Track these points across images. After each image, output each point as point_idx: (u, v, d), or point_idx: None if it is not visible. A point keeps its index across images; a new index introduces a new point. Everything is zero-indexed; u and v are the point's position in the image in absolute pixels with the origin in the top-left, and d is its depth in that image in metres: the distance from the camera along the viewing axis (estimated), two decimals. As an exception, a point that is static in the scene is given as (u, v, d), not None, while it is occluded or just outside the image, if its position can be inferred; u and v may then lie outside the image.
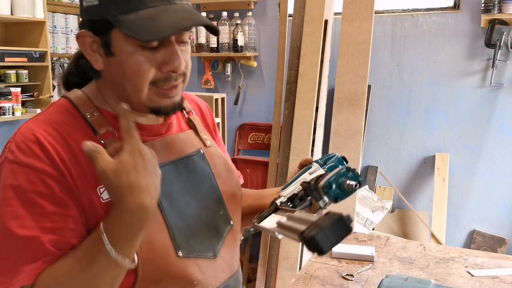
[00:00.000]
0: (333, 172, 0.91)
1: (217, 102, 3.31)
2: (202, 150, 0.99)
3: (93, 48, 0.84)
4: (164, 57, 0.82)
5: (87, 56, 0.85)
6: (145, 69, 0.81)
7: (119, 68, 0.83)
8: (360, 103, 2.62)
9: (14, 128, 3.07)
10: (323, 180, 0.90)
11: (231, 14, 3.43)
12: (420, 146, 3.16)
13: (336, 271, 1.43)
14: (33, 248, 0.75)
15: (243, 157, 3.54)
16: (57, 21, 3.15)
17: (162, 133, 0.94)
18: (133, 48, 0.81)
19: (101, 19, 0.81)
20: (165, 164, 0.90)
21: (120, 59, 0.82)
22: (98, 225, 0.76)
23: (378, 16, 3.09)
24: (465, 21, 2.94)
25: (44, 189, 0.77)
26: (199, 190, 0.94)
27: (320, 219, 0.71)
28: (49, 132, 0.80)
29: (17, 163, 0.77)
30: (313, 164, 1.04)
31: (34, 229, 0.75)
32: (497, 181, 3.01)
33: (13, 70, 2.92)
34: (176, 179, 0.91)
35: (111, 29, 0.81)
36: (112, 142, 0.83)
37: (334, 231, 0.69)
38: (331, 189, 0.89)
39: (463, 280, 1.36)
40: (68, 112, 0.86)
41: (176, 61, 0.82)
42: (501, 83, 2.89)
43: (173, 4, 0.81)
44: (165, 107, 0.86)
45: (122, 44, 0.81)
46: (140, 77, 0.82)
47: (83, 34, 0.84)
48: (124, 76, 0.83)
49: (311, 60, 2.77)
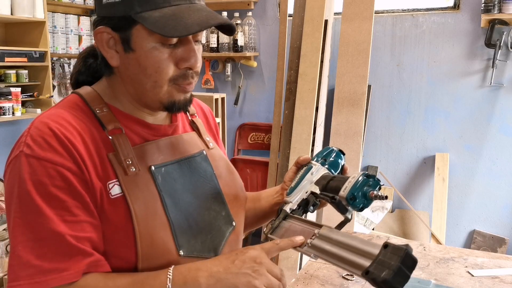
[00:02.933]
0: (353, 182, 0.88)
1: (217, 102, 3.31)
2: (205, 152, 1.00)
3: (109, 44, 0.86)
4: (182, 54, 0.85)
5: (103, 52, 0.86)
6: (165, 65, 0.83)
7: (138, 64, 0.84)
8: (360, 103, 2.62)
9: (14, 128, 3.07)
10: (345, 191, 0.87)
11: (231, 14, 3.43)
12: (420, 146, 3.16)
13: (336, 271, 1.43)
14: (61, 245, 0.75)
15: (243, 157, 3.54)
16: (57, 21, 3.15)
17: (168, 134, 0.95)
18: (154, 45, 0.82)
19: (123, 16, 0.82)
20: (169, 163, 0.90)
21: (140, 55, 0.83)
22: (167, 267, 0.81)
23: (378, 16, 3.09)
24: (465, 21, 2.94)
25: (63, 183, 0.77)
26: (201, 191, 0.95)
27: (382, 254, 0.68)
28: (63, 125, 0.81)
29: (34, 157, 0.77)
30: (312, 163, 1.03)
31: (58, 224, 0.76)
32: (497, 181, 3.01)
33: (13, 70, 2.92)
34: (180, 178, 0.91)
35: (133, 25, 0.82)
36: (118, 139, 0.84)
37: (404, 267, 0.66)
38: (356, 201, 0.87)
39: (463, 280, 1.36)
40: (79, 107, 0.87)
41: (193, 58, 0.85)
42: (501, 83, 2.89)
43: (194, 4, 0.84)
44: (179, 102, 0.88)
45: (143, 41, 0.82)
46: (160, 73, 0.84)
47: (101, 31, 0.85)
48: (143, 72, 0.84)
49: (311, 60, 2.77)
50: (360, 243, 0.74)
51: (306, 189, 1.00)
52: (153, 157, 0.88)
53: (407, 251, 0.67)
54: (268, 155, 3.25)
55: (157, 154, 0.89)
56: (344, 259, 0.74)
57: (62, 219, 0.76)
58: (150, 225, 0.82)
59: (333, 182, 0.96)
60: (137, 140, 0.89)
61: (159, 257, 0.83)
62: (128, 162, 0.83)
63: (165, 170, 0.88)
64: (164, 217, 0.85)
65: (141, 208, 0.82)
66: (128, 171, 0.83)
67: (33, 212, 0.76)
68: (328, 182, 0.97)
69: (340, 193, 0.88)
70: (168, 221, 0.85)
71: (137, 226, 0.80)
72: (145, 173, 0.85)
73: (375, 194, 0.85)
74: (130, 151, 0.85)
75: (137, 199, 0.82)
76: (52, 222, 0.75)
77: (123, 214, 0.81)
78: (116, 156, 0.83)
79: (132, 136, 0.88)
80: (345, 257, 0.73)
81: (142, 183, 0.84)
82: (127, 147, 0.85)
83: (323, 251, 0.79)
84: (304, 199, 0.99)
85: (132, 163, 0.84)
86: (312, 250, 0.80)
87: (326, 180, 0.98)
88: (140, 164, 0.85)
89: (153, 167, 0.87)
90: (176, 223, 0.86)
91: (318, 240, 0.82)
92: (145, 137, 0.90)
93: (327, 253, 0.78)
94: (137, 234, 0.80)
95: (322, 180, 1.00)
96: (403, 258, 0.66)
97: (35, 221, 0.76)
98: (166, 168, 0.89)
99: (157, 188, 0.86)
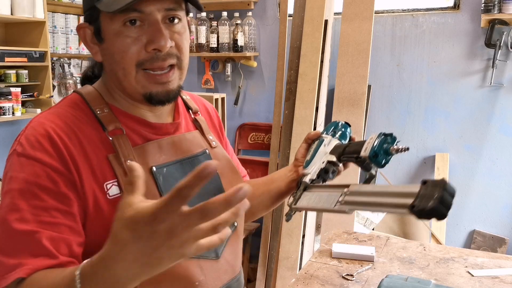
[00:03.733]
0: (372, 142, 0.92)
1: (217, 102, 3.31)
2: (208, 151, 0.99)
3: (93, 41, 0.86)
4: (149, 36, 0.82)
5: (88, 49, 0.87)
6: (128, 48, 0.81)
7: (109, 54, 0.84)
8: (360, 103, 2.62)
9: (14, 128, 3.07)
10: (366, 152, 0.91)
11: (231, 14, 3.43)
12: (420, 146, 3.16)
13: (336, 271, 1.43)
14: (30, 243, 0.75)
15: (243, 157, 3.54)
16: (57, 21, 3.15)
17: (170, 133, 0.94)
18: (118, 29, 0.81)
19: (90, 7, 0.83)
20: (171, 163, 0.90)
21: (108, 44, 0.83)
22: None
23: (378, 16, 3.09)
24: (465, 21, 2.94)
25: (48, 184, 0.77)
26: (204, 191, 0.94)
27: (423, 189, 0.72)
28: (59, 126, 0.81)
29: (24, 155, 0.78)
30: (323, 136, 1.05)
31: (31, 223, 0.75)
32: (497, 181, 3.01)
33: (13, 70, 2.91)
34: (182, 178, 0.91)
35: (99, 14, 0.83)
36: (119, 139, 0.84)
37: (447, 195, 0.70)
38: (378, 158, 0.90)
39: (463, 280, 1.36)
40: (79, 107, 0.86)
41: (161, 39, 0.81)
42: (501, 83, 2.89)
43: None
44: (157, 94, 0.85)
45: (108, 27, 0.82)
46: (125, 57, 0.82)
47: (82, 26, 0.86)
48: (113, 61, 0.84)
49: (311, 60, 2.77)
50: (397, 188, 0.77)
51: (322, 159, 1.02)
52: (155, 157, 0.88)
53: (446, 181, 0.72)
54: (268, 155, 3.24)
55: (158, 154, 0.88)
56: (384, 203, 0.77)
57: (37, 218, 0.75)
58: None
59: (350, 148, 0.99)
60: (138, 140, 0.88)
61: None
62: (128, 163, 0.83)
63: (167, 171, 0.88)
64: None
65: None
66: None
67: (12, 209, 0.75)
68: (344, 149, 0.99)
69: (362, 153, 0.92)
70: None
71: None
72: (146, 174, 0.84)
73: (396, 148, 0.89)
74: (130, 152, 0.84)
75: None
76: (27, 221, 0.75)
77: None
78: (116, 157, 0.83)
79: (133, 136, 0.87)
80: (385, 202, 0.77)
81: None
82: (127, 148, 0.84)
83: (359, 203, 0.82)
84: (322, 168, 1.01)
85: None
86: (346, 206, 0.83)
87: (341, 148, 1.01)
88: (141, 164, 0.84)
89: (154, 168, 0.86)
90: None
91: (350, 196, 0.85)
92: (147, 137, 0.89)
93: (364, 203, 0.81)
94: None
95: (337, 149, 1.02)
96: (444, 187, 0.70)
97: (12, 218, 0.75)
98: (168, 168, 0.88)
99: (158, 189, 0.85)
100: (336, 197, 0.86)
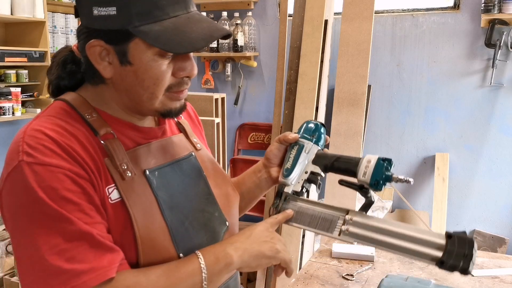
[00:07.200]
0: (372, 168, 0.91)
1: (217, 102, 3.30)
2: (194, 153, 0.99)
3: (102, 56, 0.82)
4: (180, 64, 0.83)
5: (96, 65, 0.82)
6: (163, 77, 0.82)
7: (135, 76, 0.81)
8: (360, 103, 2.62)
9: (14, 128, 3.07)
10: (366, 177, 0.91)
11: (231, 14, 3.43)
12: (420, 146, 3.16)
13: (336, 271, 1.43)
14: (90, 244, 0.74)
15: (243, 157, 3.54)
16: (57, 21, 3.15)
17: (158, 136, 0.94)
18: (153, 57, 0.80)
19: (119, 29, 0.78)
20: (162, 166, 0.90)
21: (138, 68, 0.81)
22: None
23: (378, 16, 3.09)
24: (465, 21, 2.94)
25: (74, 187, 0.75)
26: (194, 193, 0.95)
27: (450, 244, 0.76)
28: (59, 132, 0.78)
29: (38, 163, 0.74)
30: (302, 141, 1.03)
31: (80, 224, 0.74)
32: (497, 181, 3.01)
33: (13, 70, 2.92)
34: (173, 181, 0.91)
35: (131, 39, 0.79)
36: (112, 143, 0.83)
37: (471, 252, 0.75)
38: (378, 185, 0.90)
39: (463, 280, 1.36)
40: (67, 113, 0.83)
41: (193, 69, 0.85)
42: (501, 83, 2.89)
43: (190, 13, 0.82)
44: (175, 110, 0.87)
45: (142, 54, 0.79)
46: (158, 84, 0.82)
47: (94, 44, 0.80)
48: (140, 84, 0.82)
49: (311, 60, 2.77)
50: (412, 231, 0.81)
51: (305, 169, 1.01)
52: (147, 160, 0.88)
53: (473, 240, 0.76)
54: (268, 155, 3.24)
55: (150, 158, 0.88)
56: (409, 250, 0.81)
57: (82, 221, 0.74)
58: (150, 230, 0.82)
59: (339, 164, 0.97)
60: (129, 144, 0.87)
61: (160, 261, 0.83)
62: (124, 167, 0.82)
63: (159, 174, 0.88)
64: (162, 221, 0.84)
65: (140, 213, 0.81)
66: (125, 176, 0.82)
67: (51, 218, 0.73)
68: (333, 163, 0.98)
69: (361, 178, 0.92)
70: (166, 225, 0.85)
71: (138, 231, 0.80)
72: (140, 177, 0.84)
73: (398, 178, 0.89)
74: (124, 156, 0.84)
75: (135, 204, 0.81)
76: (76, 224, 0.73)
77: (123, 219, 0.80)
78: (112, 161, 0.82)
79: (124, 140, 0.86)
80: (410, 248, 0.81)
81: (139, 188, 0.83)
82: (121, 151, 0.83)
83: (371, 240, 0.85)
84: (306, 179, 1.00)
85: (127, 167, 0.83)
86: (352, 238, 0.87)
87: (328, 160, 0.99)
88: (135, 168, 0.84)
89: (147, 171, 0.86)
90: (173, 227, 0.86)
91: (356, 228, 0.87)
92: (137, 141, 0.89)
93: (379, 242, 0.85)
94: (138, 239, 0.80)
95: (321, 160, 1.00)
96: (473, 246, 0.74)
97: (57, 226, 0.73)
98: (160, 171, 0.88)
99: (153, 192, 0.85)
100: (335, 222, 0.90)
